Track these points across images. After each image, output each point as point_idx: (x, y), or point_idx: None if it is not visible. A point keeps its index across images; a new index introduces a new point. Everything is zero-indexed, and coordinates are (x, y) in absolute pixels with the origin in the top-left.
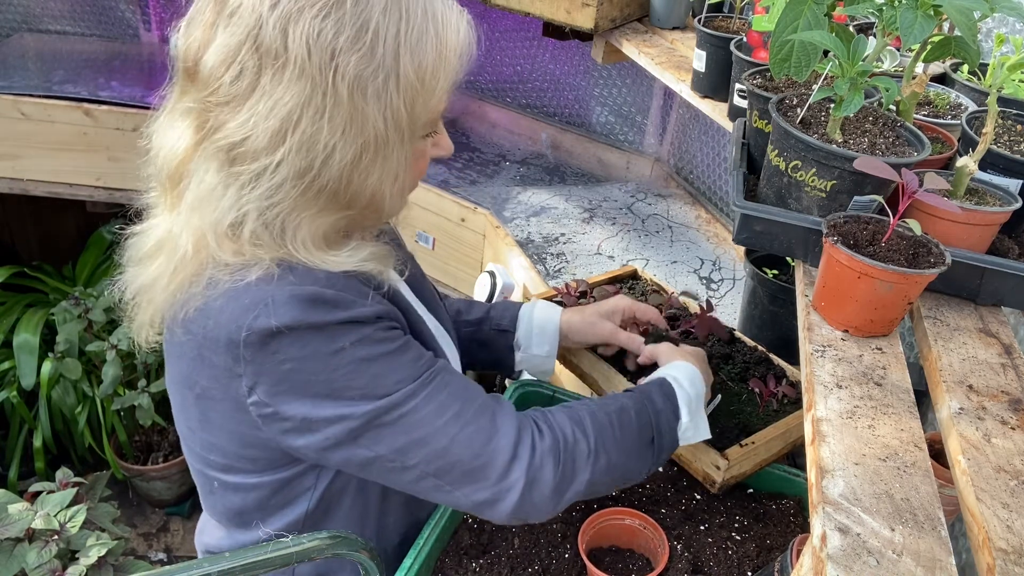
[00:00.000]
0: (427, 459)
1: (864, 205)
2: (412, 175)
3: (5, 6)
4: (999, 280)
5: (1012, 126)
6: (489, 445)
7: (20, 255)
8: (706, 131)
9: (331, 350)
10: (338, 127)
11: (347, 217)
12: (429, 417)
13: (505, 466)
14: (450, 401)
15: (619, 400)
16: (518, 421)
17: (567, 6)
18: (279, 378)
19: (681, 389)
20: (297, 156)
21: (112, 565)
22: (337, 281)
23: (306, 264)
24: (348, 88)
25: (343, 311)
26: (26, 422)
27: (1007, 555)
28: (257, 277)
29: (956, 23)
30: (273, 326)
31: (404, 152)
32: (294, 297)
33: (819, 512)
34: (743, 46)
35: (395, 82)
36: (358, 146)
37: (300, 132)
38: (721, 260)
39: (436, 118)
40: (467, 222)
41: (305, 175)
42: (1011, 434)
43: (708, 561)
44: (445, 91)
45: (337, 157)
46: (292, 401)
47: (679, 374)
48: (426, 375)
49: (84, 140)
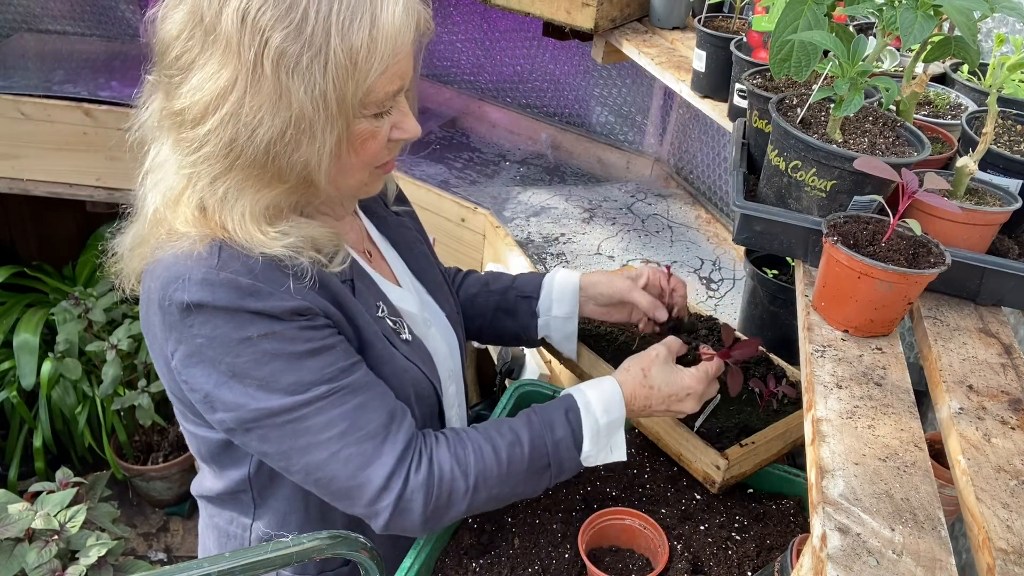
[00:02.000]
0: (307, 468)
1: (864, 205)
2: (361, 155)
3: (5, 6)
4: (999, 280)
5: (1012, 126)
6: (365, 471)
7: (20, 255)
8: (706, 131)
9: (239, 337)
10: (263, 102)
11: (283, 192)
12: (315, 429)
13: (376, 493)
14: (340, 419)
15: (515, 431)
16: (402, 452)
17: (567, 6)
18: (192, 350)
19: (589, 416)
20: (224, 127)
21: (112, 565)
22: (260, 270)
23: (242, 245)
24: (273, 64)
25: (256, 300)
26: (26, 422)
27: (1007, 555)
28: (190, 250)
29: (956, 23)
30: (187, 301)
31: (335, 131)
32: (207, 279)
33: (819, 512)
34: (743, 46)
35: (322, 61)
36: (283, 121)
37: (229, 104)
38: (721, 260)
39: (383, 99)
40: (467, 222)
41: (232, 146)
42: (1011, 434)
43: (708, 561)
44: (383, 74)
45: (262, 131)
46: (199, 375)
47: (594, 398)
48: (326, 387)
49: (84, 140)
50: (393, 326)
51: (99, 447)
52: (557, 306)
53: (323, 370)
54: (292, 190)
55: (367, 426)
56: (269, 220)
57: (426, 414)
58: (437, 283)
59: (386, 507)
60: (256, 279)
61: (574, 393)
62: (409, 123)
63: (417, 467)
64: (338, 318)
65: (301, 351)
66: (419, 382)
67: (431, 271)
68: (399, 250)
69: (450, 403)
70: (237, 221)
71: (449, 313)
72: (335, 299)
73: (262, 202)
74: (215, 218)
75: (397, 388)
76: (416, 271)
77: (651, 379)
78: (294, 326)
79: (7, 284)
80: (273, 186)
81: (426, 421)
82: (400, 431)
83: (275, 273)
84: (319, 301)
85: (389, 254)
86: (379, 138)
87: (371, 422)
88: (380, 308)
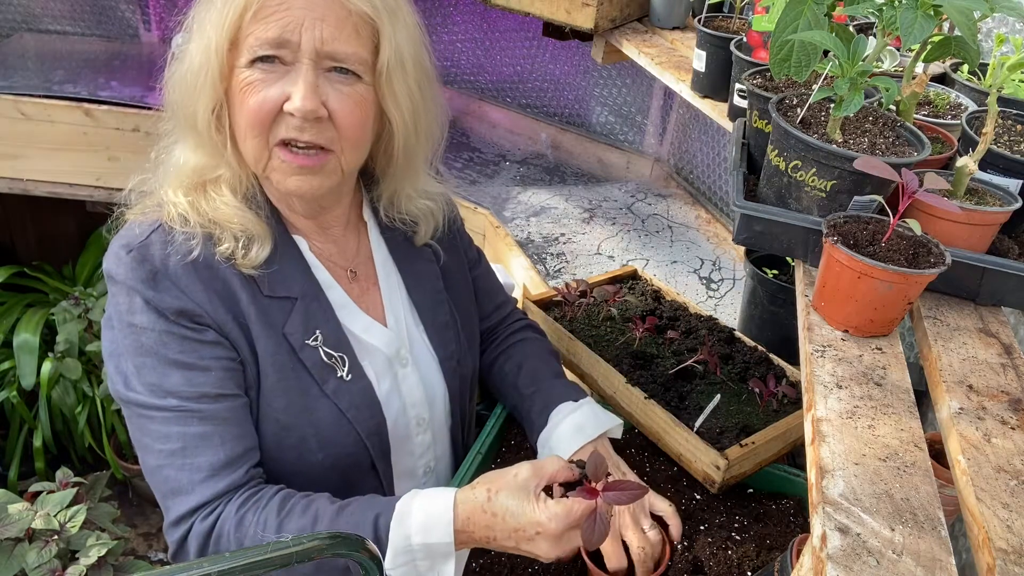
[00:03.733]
0: (144, 466)
1: (864, 205)
2: (243, 112)
3: (5, 6)
4: (999, 280)
5: (1012, 126)
6: (174, 498)
7: (20, 255)
8: (706, 131)
9: (128, 320)
10: (186, 47)
11: (199, 157)
12: (153, 436)
13: (171, 522)
14: (176, 438)
15: (318, 517)
16: (210, 498)
17: (567, 6)
18: (107, 314)
19: (400, 529)
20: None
21: (112, 565)
22: (172, 263)
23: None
24: (185, 31)
25: (148, 288)
26: (26, 422)
27: (1007, 555)
28: (136, 222)
29: (956, 23)
30: (104, 268)
31: (209, 76)
32: (117, 254)
33: (819, 512)
34: (743, 46)
35: (204, 7)
36: (181, 75)
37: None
38: (721, 260)
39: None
40: (467, 222)
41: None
42: (1011, 434)
43: (708, 561)
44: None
45: (179, 74)
46: (103, 339)
47: (418, 509)
48: (176, 402)
49: (84, 140)
50: (327, 359)
51: (99, 447)
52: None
53: (183, 386)
54: (203, 151)
55: (197, 458)
56: (191, 185)
57: (340, 462)
58: (441, 324)
59: (172, 540)
60: (164, 268)
61: (403, 498)
62: (296, 92)
63: (204, 518)
64: (235, 336)
65: (172, 359)
66: (329, 426)
67: (437, 310)
68: (405, 280)
69: (414, 452)
70: (164, 173)
71: (445, 358)
72: (240, 316)
73: (190, 162)
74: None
75: (289, 426)
76: (419, 306)
77: (495, 505)
78: (177, 329)
79: (7, 284)
80: (188, 137)
81: (339, 468)
82: (223, 480)
83: (183, 269)
84: (218, 313)
85: (389, 282)
86: (260, 94)
87: (203, 456)
88: (316, 336)
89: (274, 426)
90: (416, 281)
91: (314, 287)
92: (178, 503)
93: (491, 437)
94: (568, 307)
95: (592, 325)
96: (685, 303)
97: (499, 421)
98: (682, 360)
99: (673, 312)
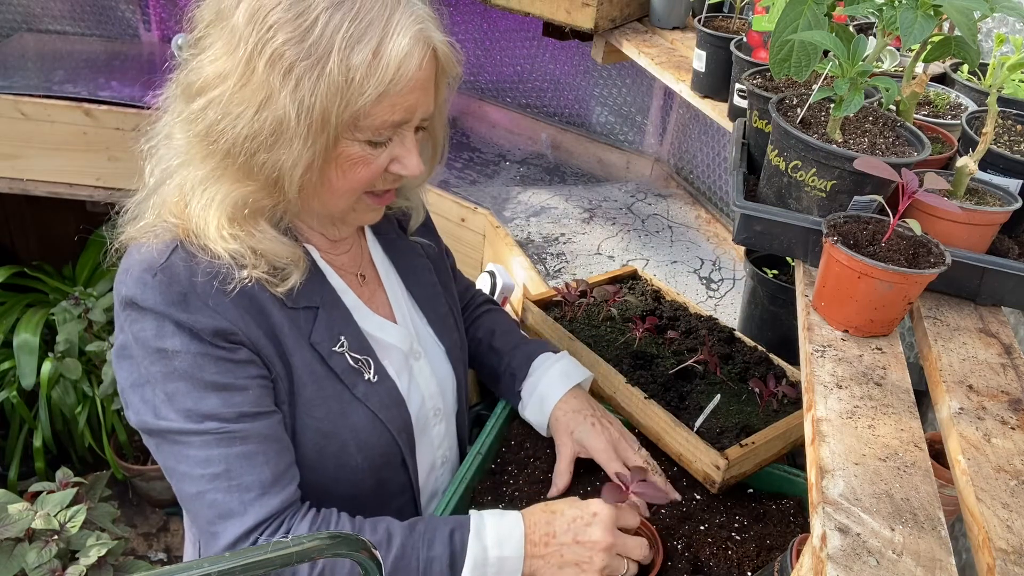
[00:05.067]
0: (179, 494)
1: (864, 205)
2: (349, 178)
3: (5, 6)
4: (999, 280)
5: (1012, 126)
6: (223, 522)
7: (20, 255)
8: (706, 131)
9: (157, 346)
10: (249, 97)
11: (252, 192)
12: (192, 461)
13: (223, 548)
14: (219, 461)
15: (391, 532)
16: (265, 518)
17: (567, 6)
18: (122, 343)
19: (478, 542)
20: (211, 109)
21: (112, 565)
22: (200, 280)
23: (198, 247)
24: (266, 64)
25: (181, 311)
26: (26, 422)
27: (1007, 555)
28: (151, 243)
29: (956, 23)
30: (124, 295)
31: (314, 145)
32: (142, 279)
33: (819, 512)
34: (743, 46)
35: (316, 73)
36: (262, 120)
37: (218, 90)
38: (721, 260)
39: (379, 127)
40: (467, 222)
41: (212, 130)
42: (1011, 434)
43: (708, 561)
44: (379, 101)
45: (241, 124)
46: (121, 369)
47: (491, 524)
48: (216, 424)
49: (84, 140)
50: (354, 364)
51: (99, 447)
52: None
53: (221, 408)
54: (261, 192)
55: (242, 478)
56: (232, 218)
57: (376, 463)
58: (441, 315)
59: None
60: (192, 288)
61: (473, 515)
62: (410, 160)
63: (269, 538)
64: (268, 352)
65: (208, 381)
66: (365, 428)
67: (435, 302)
68: (403, 277)
69: (433, 443)
70: (202, 205)
71: (450, 347)
72: (272, 331)
73: (232, 196)
74: (186, 201)
75: (330, 434)
76: (419, 300)
77: (553, 504)
78: (212, 350)
79: (7, 284)
80: (243, 182)
81: (374, 469)
82: (276, 497)
83: (213, 288)
84: (251, 329)
85: (390, 280)
86: (372, 166)
87: (249, 475)
88: (341, 342)
89: (314, 436)
90: (413, 276)
91: (332, 294)
92: (231, 526)
93: (491, 437)
94: (568, 307)
95: (592, 325)
96: (685, 303)
97: (499, 421)
98: (682, 360)
99: (673, 312)
